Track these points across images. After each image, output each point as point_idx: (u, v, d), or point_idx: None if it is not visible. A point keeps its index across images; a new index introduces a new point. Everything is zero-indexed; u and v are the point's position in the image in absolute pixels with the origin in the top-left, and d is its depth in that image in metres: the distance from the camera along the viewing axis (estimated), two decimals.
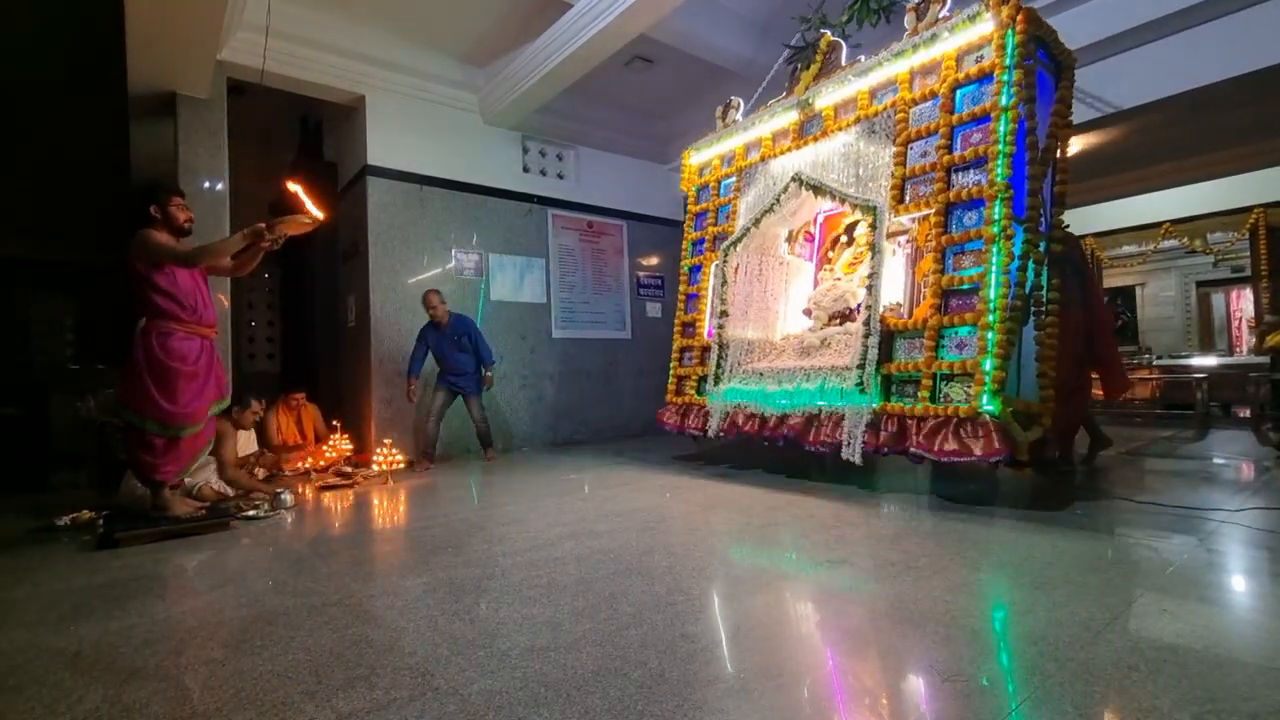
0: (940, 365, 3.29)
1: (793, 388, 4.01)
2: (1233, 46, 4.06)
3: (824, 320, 4.44)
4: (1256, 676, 1.38)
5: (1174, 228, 8.47)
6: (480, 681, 1.49)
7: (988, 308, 3.14)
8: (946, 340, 3.33)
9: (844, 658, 1.59)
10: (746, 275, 4.76)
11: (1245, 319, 10.41)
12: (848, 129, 4.12)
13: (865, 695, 1.40)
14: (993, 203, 3.22)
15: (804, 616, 1.89)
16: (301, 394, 5.48)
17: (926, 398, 3.31)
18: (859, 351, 3.62)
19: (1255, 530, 2.54)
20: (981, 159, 3.34)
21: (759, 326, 4.74)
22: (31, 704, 1.48)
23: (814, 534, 2.79)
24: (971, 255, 3.33)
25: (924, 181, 3.63)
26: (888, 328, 3.59)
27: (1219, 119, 5.36)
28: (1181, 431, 5.74)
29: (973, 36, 3.46)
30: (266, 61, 4.83)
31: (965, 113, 3.47)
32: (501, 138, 6.50)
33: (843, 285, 4.51)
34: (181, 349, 3.14)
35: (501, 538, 2.84)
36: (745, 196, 4.88)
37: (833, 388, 3.75)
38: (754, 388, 4.30)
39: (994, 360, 3.05)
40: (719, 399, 4.51)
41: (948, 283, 3.37)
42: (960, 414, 3.11)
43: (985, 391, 3.03)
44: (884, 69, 3.91)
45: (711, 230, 5.13)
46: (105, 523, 3.21)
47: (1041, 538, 2.53)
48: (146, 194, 3.28)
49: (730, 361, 4.61)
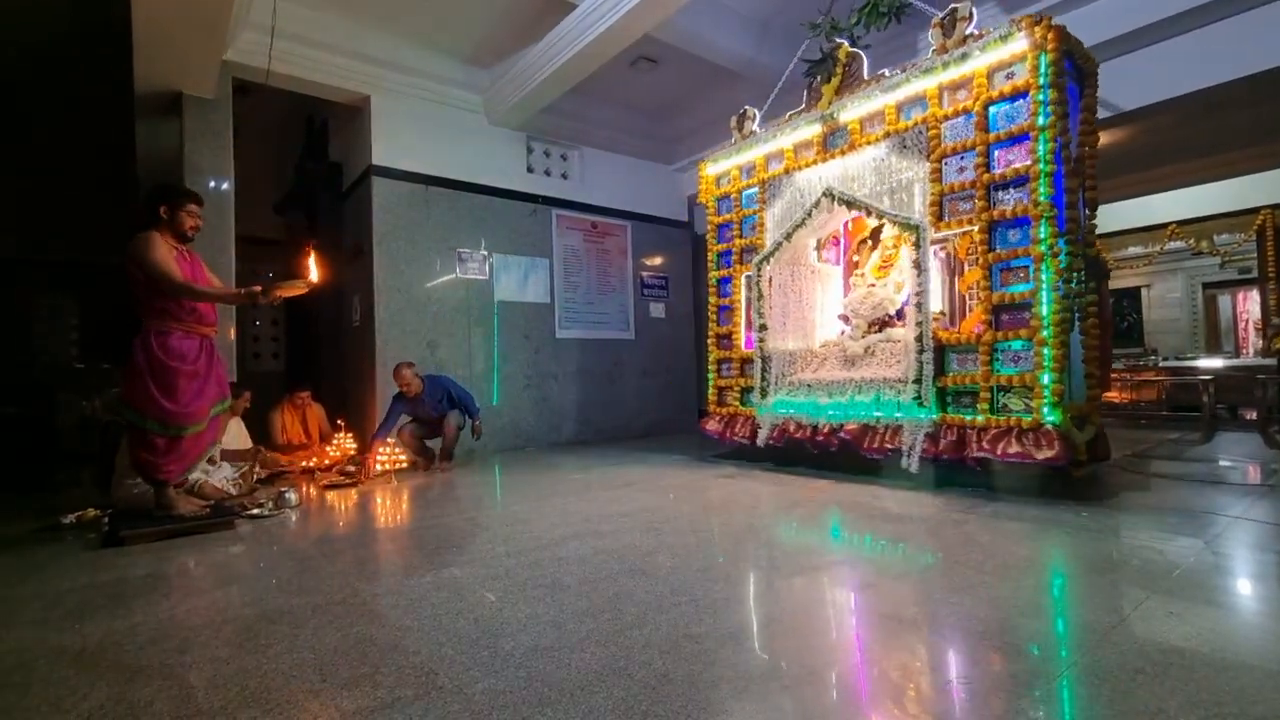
0: (998, 379, 3.46)
1: (845, 400, 4.17)
2: (1241, 46, 4.04)
3: (864, 328, 4.51)
4: (1263, 680, 1.37)
5: (1180, 229, 8.45)
6: (484, 681, 1.49)
7: (1042, 324, 3.28)
8: (1000, 354, 3.50)
9: (846, 658, 1.58)
10: (781, 287, 4.85)
11: (1252, 321, 10.35)
12: (876, 143, 4.15)
13: (869, 696, 1.40)
14: (1038, 222, 3.33)
15: (805, 617, 1.89)
16: (307, 392, 5.50)
17: (986, 409, 3.50)
18: (914, 367, 3.77)
19: (1262, 533, 2.53)
20: (1023, 178, 3.42)
21: (798, 336, 4.83)
22: (37, 701, 1.48)
23: (816, 534, 2.79)
24: (1019, 272, 3.45)
25: (963, 198, 3.70)
26: (938, 342, 3.72)
27: (1227, 120, 5.33)
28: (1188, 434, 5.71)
29: (1004, 54, 3.50)
30: (272, 62, 4.84)
31: (1002, 131, 3.53)
32: (506, 138, 6.51)
33: (879, 292, 4.56)
34: (181, 348, 3.14)
35: (506, 537, 2.84)
36: (771, 208, 4.92)
37: (889, 400, 3.92)
38: (804, 399, 4.46)
39: (1052, 374, 3.23)
40: (768, 411, 4.67)
41: (999, 299, 3.49)
42: (1023, 425, 3.31)
43: (1046, 404, 3.23)
44: (911, 84, 3.92)
45: (739, 243, 5.18)
46: (110, 521, 3.21)
47: (1047, 540, 2.52)
48: (161, 193, 3.25)
49: (774, 373, 4.74)
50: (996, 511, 3.02)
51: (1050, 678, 1.43)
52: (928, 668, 1.50)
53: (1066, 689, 1.37)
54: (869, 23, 4.53)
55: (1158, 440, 5.42)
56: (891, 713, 1.32)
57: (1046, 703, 1.32)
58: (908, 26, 4.85)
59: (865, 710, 1.33)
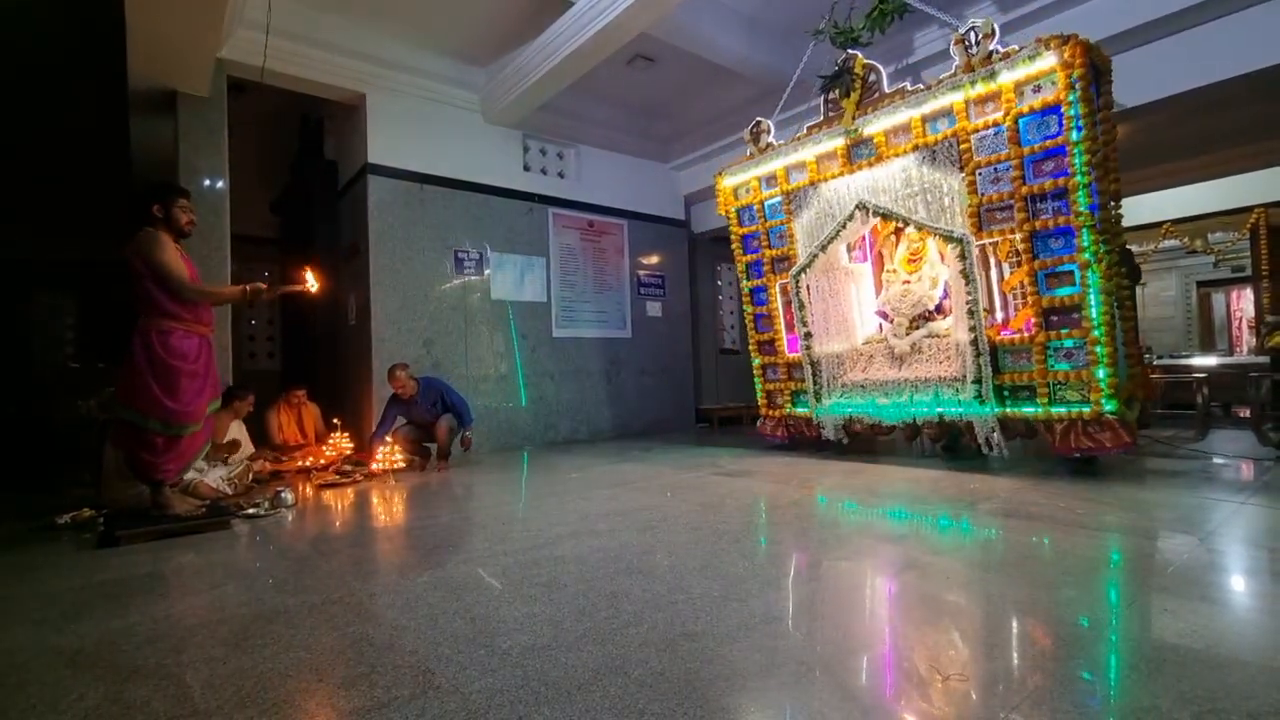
0: (1054, 375, 3.75)
1: (904, 400, 4.42)
2: (1235, 46, 4.06)
3: (905, 325, 4.61)
4: (1257, 676, 1.38)
5: (1175, 228, 8.47)
6: (481, 680, 1.49)
7: (1093, 324, 3.55)
8: (1053, 352, 3.76)
9: (844, 656, 1.59)
10: (819, 294, 5.01)
11: (1246, 319, 10.41)
12: (904, 155, 4.23)
13: (868, 691, 1.40)
14: (1080, 232, 3.55)
15: (803, 615, 1.89)
16: (303, 391, 5.48)
17: (1046, 403, 3.79)
18: (973, 369, 4.04)
19: (1256, 530, 2.54)
20: (1061, 190, 3.60)
21: (842, 338, 4.98)
22: (33, 702, 1.48)
23: (814, 533, 2.79)
24: (1064, 277, 3.69)
25: (1000, 208, 3.88)
26: (991, 343, 3.98)
27: (1221, 118, 5.35)
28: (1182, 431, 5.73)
29: (1031, 70, 3.59)
30: (267, 60, 4.83)
31: (1036, 145, 3.66)
32: (502, 136, 6.50)
33: (916, 289, 4.65)
34: (182, 347, 3.14)
35: (502, 536, 2.84)
36: (799, 219, 5.01)
37: (949, 398, 4.19)
38: (862, 400, 4.72)
39: (1106, 369, 3.53)
40: (826, 412, 4.95)
41: (1048, 303, 3.73)
42: (1085, 416, 3.62)
43: (1104, 396, 3.54)
44: (938, 100, 4.00)
45: (769, 253, 5.29)
46: (106, 521, 3.21)
47: (1042, 535, 2.53)
48: (153, 193, 3.25)
49: (825, 376, 4.98)
50: (991, 509, 3.03)
51: (1043, 674, 1.44)
52: (920, 663, 1.50)
53: (1060, 686, 1.38)
54: (874, 27, 4.55)
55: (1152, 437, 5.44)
56: (886, 709, 1.33)
57: (1040, 699, 1.33)
58: (903, 25, 4.86)
59: (861, 705, 1.33)
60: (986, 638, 1.68)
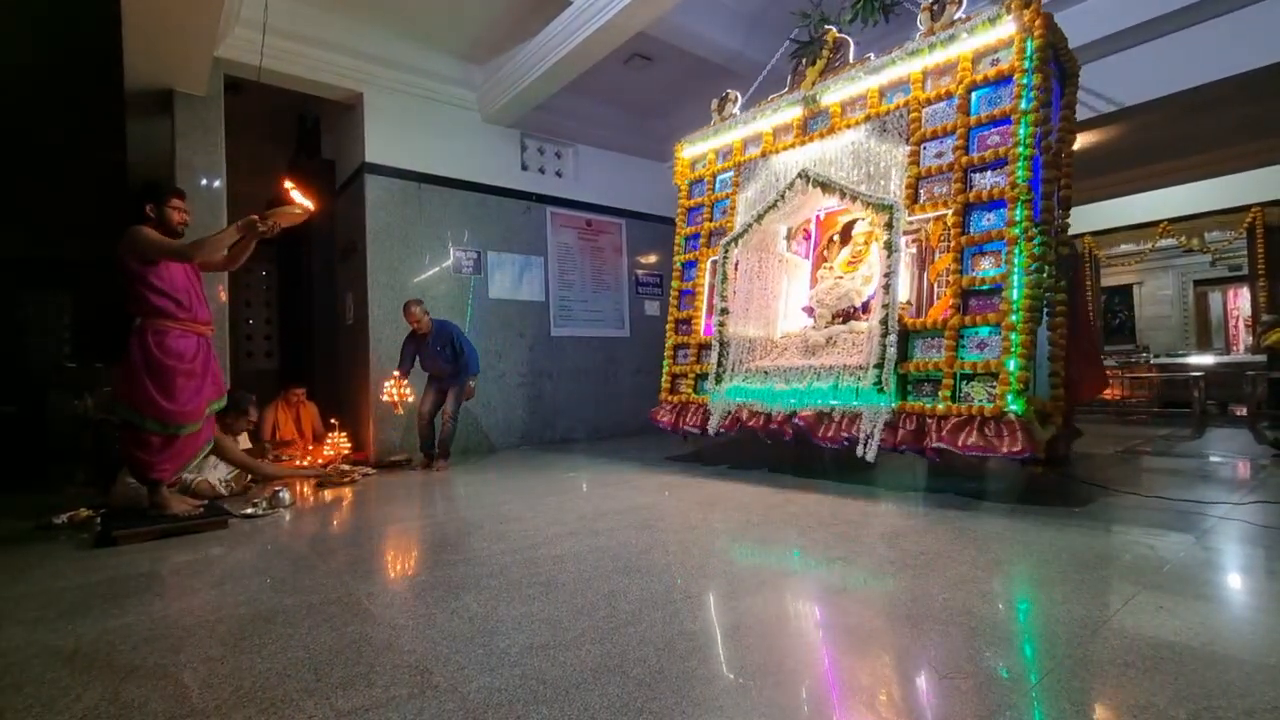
0: (962, 365, 3.34)
1: (803, 386, 4.02)
2: (1231, 45, 4.07)
3: (827, 318, 4.44)
4: (1252, 673, 1.39)
5: (1171, 226, 8.49)
6: (479, 679, 1.49)
7: (1011, 308, 3.19)
8: (967, 340, 3.39)
9: (842, 655, 1.59)
10: (747, 272, 4.72)
11: (1242, 318, 10.44)
12: (856, 126, 4.13)
13: (863, 692, 1.41)
14: (1014, 205, 3.28)
15: (802, 614, 1.90)
16: (301, 390, 5.48)
17: (948, 397, 3.35)
18: (877, 351, 3.64)
19: (1252, 528, 2.55)
20: (1001, 160, 3.40)
21: (760, 324, 4.71)
22: (30, 702, 1.48)
23: (812, 531, 2.80)
24: (991, 256, 3.40)
25: (939, 181, 3.67)
26: (903, 327, 3.62)
27: (1217, 118, 5.37)
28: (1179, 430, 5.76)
29: (990, 39, 3.52)
30: (264, 58, 4.81)
31: (983, 114, 3.53)
32: (500, 135, 6.49)
33: (846, 284, 4.50)
34: (178, 347, 3.13)
35: (500, 536, 2.85)
36: (744, 192, 4.85)
37: (847, 386, 3.78)
38: (760, 386, 4.30)
39: (1018, 360, 3.11)
40: (721, 398, 4.47)
41: (968, 283, 3.43)
42: (985, 413, 3.15)
43: (1011, 391, 3.10)
44: (897, 67, 3.91)
45: (708, 226, 5.10)
46: (103, 521, 3.20)
47: (1038, 535, 2.53)
48: (145, 193, 3.26)
49: (732, 359, 4.58)
50: (987, 508, 3.04)
51: (1041, 673, 1.44)
52: (921, 663, 1.51)
53: (1057, 684, 1.38)
54: (863, 17, 4.54)
55: (1149, 436, 5.46)
56: (880, 709, 1.33)
57: (1037, 698, 1.33)
58: (897, 25, 4.86)
59: (857, 706, 1.34)
60: (981, 635, 1.68)
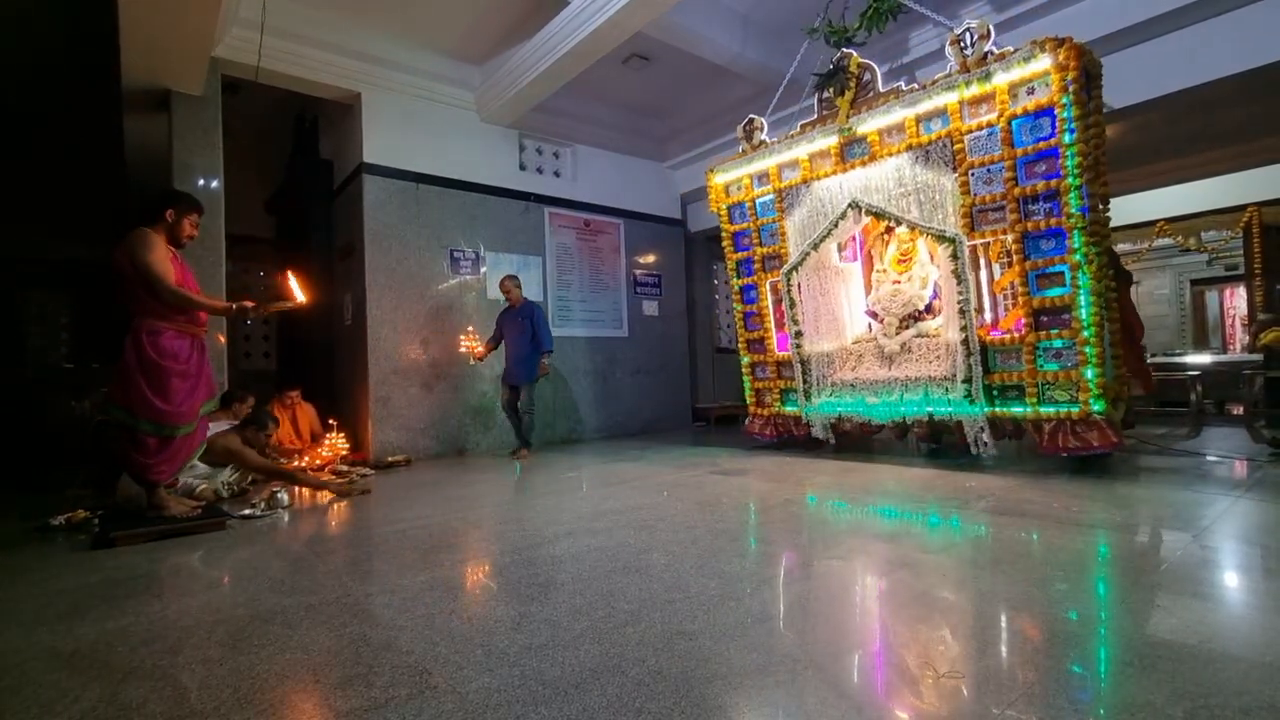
0: (1044, 376, 3.78)
1: (894, 399, 4.42)
2: (1228, 45, 4.07)
3: (895, 325, 4.63)
4: (1249, 671, 1.39)
5: (1168, 226, 8.50)
6: (478, 679, 1.49)
7: (1083, 325, 3.56)
8: (1042, 352, 3.78)
9: (841, 654, 1.60)
10: (809, 292, 5.01)
11: (1239, 316, 10.47)
12: (897, 154, 4.25)
13: (863, 689, 1.41)
14: (1072, 233, 3.57)
15: (801, 614, 1.90)
16: (296, 391, 5.47)
17: (1034, 402, 3.81)
18: (963, 369, 4.06)
19: (1249, 526, 2.56)
20: (1053, 191, 3.62)
21: (832, 337, 5.00)
22: (28, 703, 1.47)
23: (811, 531, 2.80)
24: (1056, 277, 3.70)
25: (993, 209, 3.90)
26: (981, 343, 3.99)
27: (1215, 117, 5.38)
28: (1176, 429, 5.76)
29: (1026, 72, 3.61)
30: (261, 59, 4.81)
31: (1030, 146, 3.68)
32: (498, 135, 6.49)
33: (906, 289, 4.67)
34: (173, 347, 3.12)
35: (499, 536, 2.84)
36: (791, 217, 5.01)
37: (938, 397, 4.21)
38: (851, 399, 4.72)
39: (1095, 369, 3.56)
40: (815, 410, 4.94)
41: (1038, 304, 3.75)
42: (1073, 417, 3.64)
43: (1093, 396, 3.57)
44: (933, 100, 4.01)
45: (760, 251, 5.27)
46: (101, 522, 3.20)
47: (1035, 533, 2.54)
48: (172, 198, 3.25)
49: (815, 375, 4.97)
50: (986, 506, 3.04)
51: (1037, 671, 1.44)
52: (914, 660, 1.51)
53: (1054, 683, 1.39)
54: (871, 26, 4.54)
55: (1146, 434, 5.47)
56: (881, 708, 1.33)
57: (1034, 696, 1.33)
58: (899, 24, 4.87)
59: (855, 704, 1.34)
60: (981, 634, 1.69)
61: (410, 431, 5.75)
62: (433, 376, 5.91)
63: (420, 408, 5.82)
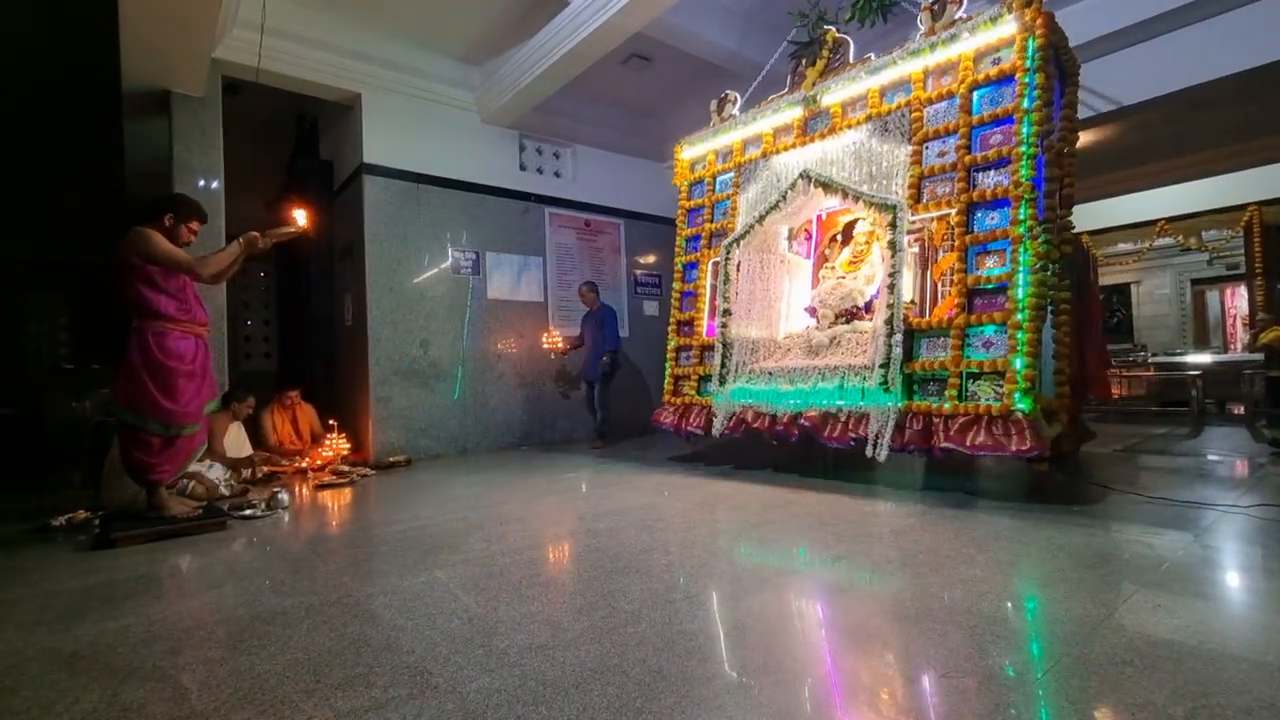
0: (969, 364, 3.34)
1: (808, 387, 4.00)
2: (1229, 45, 4.07)
3: (830, 319, 4.42)
4: (1250, 671, 1.39)
5: (1169, 225, 8.50)
6: (479, 679, 1.49)
7: (1017, 307, 3.19)
8: (972, 339, 3.38)
9: (842, 654, 1.60)
10: (749, 273, 4.71)
11: (1240, 316, 10.47)
12: (857, 126, 4.11)
13: (863, 691, 1.41)
14: (1019, 204, 3.28)
15: (802, 613, 1.90)
16: (295, 391, 5.47)
17: (955, 396, 3.35)
18: (883, 350, 3.63)
19: (1250, 526, 2.56)
20: (1004, 159, 3.39)
21: (762, 325, 4.69)
22: (28, 704, 1.47)
23: (811, 531, 2.80)
24: (996, 255, 3.38)
25: (942, 181, 3.66)
26: (908, 326, 3.61)
27: (1215, 117, 5.37)
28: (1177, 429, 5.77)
29: (992, 38, 3.51)
30: (262, 59, 4.81)
31: (986, 113, 3.52)
32: (498, 136, 6.49)
33: (848, 283, 4.50)
34: (179, 348, 3.13)
35: (499, 536, 2.84)
36: (745, 193, 4.84)
37: (852, 386, 3.77)
38: (764, 387, 4.28)
39: (1025, 359, 3.11)
40: (725, 399, 4.45)
41: (973, 282, 3.41)
42: (993, 412, 3.14)
43: (1018, 390, 3.09)
44: (897, 67, 3.90)
45: (709, 227, 5.09)
46: (101, 523, 3.20)
47: (1037, 534, 2.54)
48: (171, 203, 3.25)
49: (735, 361, 4.57)
50: (985, 506, 3.04)
51: (1039, 671, 1.44)
52: (919, 663, 1.51)
53: (1055, 682, 1.39)
54: (862, 17, 4.54)
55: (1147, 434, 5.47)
56: (881, 708, 1.33)
57: (1035, 696, 1.33)
58: (897, 25, 4.86)
59: (855, 706, 1.34)
60: (981, 635, 1.69)
61: (411, 432, 5.74)
62: (433, 377, 5.91)
63: (421, 408, 5.82)
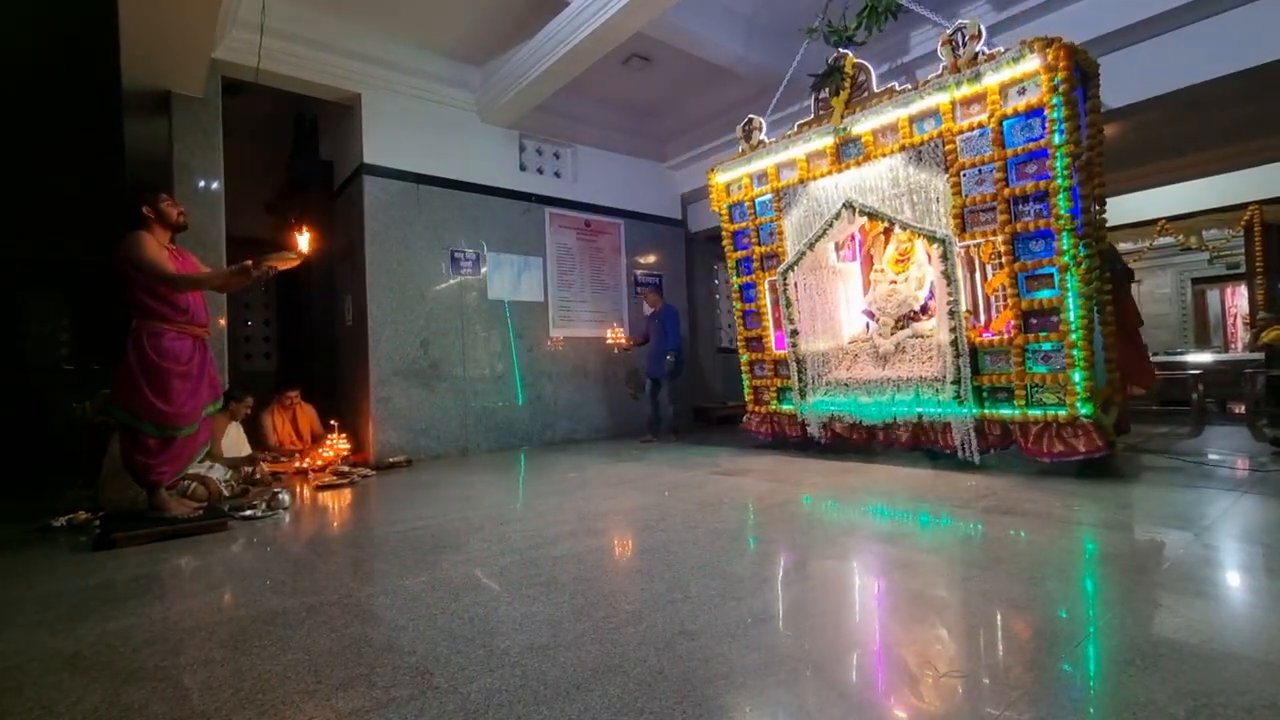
0: (1032, 378, 3.75)
1: (886, 399, 4.43)
2: (1229, 44, 4.07)
3: (891, 325, 4.66)
4: (1252, 670, 1.39)
5: (1169, 225, 8.49)
6: (480, 680, 1.49)
7: (1070, 328, 3.55)
8: (1031, 354, 3.77)
9: (841, 654, 1.59)
10: (807, 291, 5.05)
11: (1240, 315, 10.46)
12: (891, 154, 4.26)
13: (864, 689, 1.41)
14: (1060, 235, 3.55)
15: (802, 614, 1.90)
16: (295, 392, 5.48)
17: (1023, 404, 3.80)
18: (952, 370, 4.06)
19: (1251, 525, 2.56)
20: (1042, 193, 3.61)
21: (828, 336, 5.03)
22: (30, 705, 1.47)
23: (811, 531, 2.80)
24: (1045, 279, 3.68)
25: (983, 210, 3.89)
26: (971, 344, 3.99)
27: (1215, 116, 5.37)
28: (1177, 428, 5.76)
29: (1016, 72, 3.61)
30: (261, 60, 4.81)
31: (1020, 147, 3.67)
32: (499, 136, 6.49)
33: (902, 289, 4.70)
34: (174, 349, 3.13)
35: (500, 536, 2.84)
36: (788, 216, 5.04)
37: (928, 398, 4.20)
38: (844, 399, 4.72)
39: (1083, 372, 3.53)
40: (810, 409, 4.96)
41: (1027, 306, 3.73)
42: (1060, 419, 3.61)
43: (1079, 399, 3.54)
44: (925, 100, 4.02)
45: (758, 250, 5.31)
46: (102, 524, 3.20)
47: (1037, 533, 2.54)
48: (135, 197, 3.26)
49: (810, 374, 5.00)
50: (987, 506, 3.04)
51: (1040, 670, 1.44)
52: (919, 663, 1.51)
53: (1057, 682, 1.39)
54: (869, 25, 4.54)
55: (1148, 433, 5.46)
56: (880, 708, 1.33)
57: (1036, 696, 1.33)
58: (898, 24, 4.86)
59: (856, 703, 1.34)
60: (980, 634, 1.69)
61: (411, 432, 5.75)
62: (434, 377, 5.91)
63: (421, 408, 5.82)
